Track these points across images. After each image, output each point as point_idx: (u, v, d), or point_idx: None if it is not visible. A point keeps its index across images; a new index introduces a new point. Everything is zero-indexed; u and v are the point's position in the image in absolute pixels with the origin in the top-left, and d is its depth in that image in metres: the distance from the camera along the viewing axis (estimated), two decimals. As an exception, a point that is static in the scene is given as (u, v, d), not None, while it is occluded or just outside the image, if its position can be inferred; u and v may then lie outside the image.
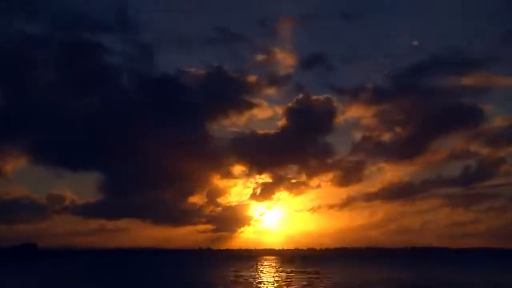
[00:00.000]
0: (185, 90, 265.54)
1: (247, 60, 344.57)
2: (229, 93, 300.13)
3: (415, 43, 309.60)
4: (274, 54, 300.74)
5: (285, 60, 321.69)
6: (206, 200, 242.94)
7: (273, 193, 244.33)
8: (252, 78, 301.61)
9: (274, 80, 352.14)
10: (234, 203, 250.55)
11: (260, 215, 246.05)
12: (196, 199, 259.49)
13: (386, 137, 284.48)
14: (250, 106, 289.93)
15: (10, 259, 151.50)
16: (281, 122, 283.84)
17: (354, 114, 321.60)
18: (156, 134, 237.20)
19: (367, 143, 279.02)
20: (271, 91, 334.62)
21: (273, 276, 71.15)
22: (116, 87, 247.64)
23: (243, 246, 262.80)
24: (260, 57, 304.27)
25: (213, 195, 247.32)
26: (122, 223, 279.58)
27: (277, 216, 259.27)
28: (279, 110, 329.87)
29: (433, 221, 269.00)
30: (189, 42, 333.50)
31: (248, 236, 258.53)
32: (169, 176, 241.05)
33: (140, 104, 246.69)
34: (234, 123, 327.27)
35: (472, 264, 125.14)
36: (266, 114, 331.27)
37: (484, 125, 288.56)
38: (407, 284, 60.73)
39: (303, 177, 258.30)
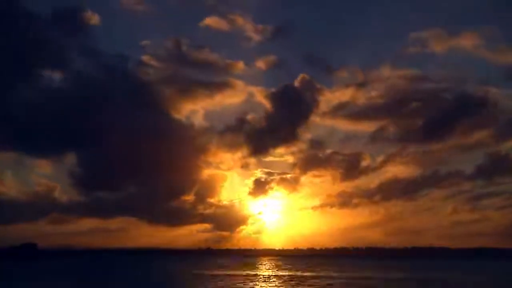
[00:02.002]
0: (144, 73, 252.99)
1: (205, 31, 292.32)
2: (194, 74, 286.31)
3: (412, 14, 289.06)
4: (235, 21, 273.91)
5: (249, 29, 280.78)
6: (201, 199, 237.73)
7: (269, 190, 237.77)
8: (214, 55, 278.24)
9: (241, 56, 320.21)
10: (231, 202, 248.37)
11: (258, 214, 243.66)
12: (191, 198, 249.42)
13: (382, 127, 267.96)
14: (221, 87, 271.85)
15: (10, 259, 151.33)
16: (264, 111, 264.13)
17: (342, 99, 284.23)
18: (125, 123, 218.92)
19: (361, 134, 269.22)
20: (239, 68, 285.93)
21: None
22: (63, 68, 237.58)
23: (243, 246, 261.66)
24: (219, 23, 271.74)
25: (207, 193, 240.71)
26: (119, 222, 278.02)
27: (276, 215, 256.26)
28: (254, 90, 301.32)
29: (434, 220, 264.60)
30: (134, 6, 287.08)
31: (247, 235, 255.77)
32: (154, 171, 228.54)
33: (96, 90, 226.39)
34: (207, 109, 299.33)
35: (472, 264, 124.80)
36: (241, 96, 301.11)
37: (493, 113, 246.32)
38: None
39: (297, 172, 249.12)
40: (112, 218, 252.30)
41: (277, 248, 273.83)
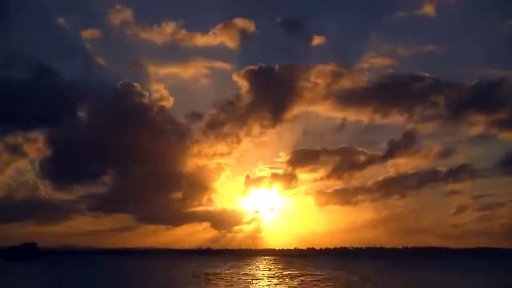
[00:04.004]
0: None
1: None
2: (144, 52, 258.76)
3: None
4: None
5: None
6: (193, 196, 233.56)
7: (264, 187, 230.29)
8: (168, 25, 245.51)
9: (199, 23, 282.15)
10: (228, 202, 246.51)
11: (255, 212, 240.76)
12: (181, 195, 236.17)
13: (376, 118, 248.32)
14: (182, 64, 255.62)
15: (10, 259, 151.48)
16: (240, 93, 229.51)
17: (325, 82, 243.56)
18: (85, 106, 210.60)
19: (353, 127, 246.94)
20: (200, 40, 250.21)
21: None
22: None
23: (243, 246, 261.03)
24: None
25: (198, 190, 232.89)
26: (119, 222, 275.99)
27: (273, 212, 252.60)
28: (221, 65, 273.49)
29: (435, 219, 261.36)
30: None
31: (246, 235, 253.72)
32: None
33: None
34: (172, 91, 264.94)
35: (473, 264, 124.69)
36: (209, 75, 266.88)
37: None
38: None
39: (290, 168, 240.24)
40: (111, 217, 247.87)
41: (277, 248, 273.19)
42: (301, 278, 67.78)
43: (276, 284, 57.95)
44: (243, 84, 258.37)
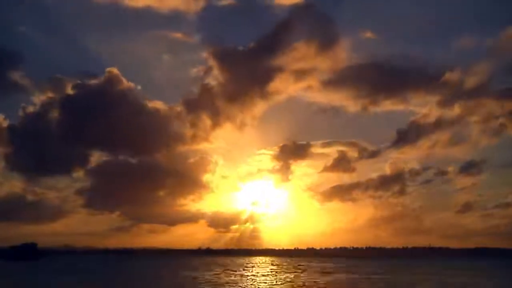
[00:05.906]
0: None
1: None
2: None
3: None
4: None
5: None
6: (197, 198, 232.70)
7: (259, 183, 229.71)
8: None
9: None
10: (223, 200, 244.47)
11: (252, 211, 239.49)
12: (187, 197, 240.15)
13: (364, 107, 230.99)
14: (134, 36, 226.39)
15: (10, 259, 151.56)
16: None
17: (304, 60, 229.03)
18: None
19: (338, 119, 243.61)
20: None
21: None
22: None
23: (243, 245, 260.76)
24: None
25: (190, 188, 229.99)
26: (112, 221, 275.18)
27: (269, 209, 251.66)
28: (180, 37, 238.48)
29: (437, 218, 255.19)
30: None
31: (245, 234, 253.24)
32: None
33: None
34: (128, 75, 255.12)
35: (473, 264, 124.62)
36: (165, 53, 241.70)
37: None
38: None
39: (280, 164, 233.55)
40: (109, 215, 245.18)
41: (277, 248, 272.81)
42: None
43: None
44: (213, 65, 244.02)
